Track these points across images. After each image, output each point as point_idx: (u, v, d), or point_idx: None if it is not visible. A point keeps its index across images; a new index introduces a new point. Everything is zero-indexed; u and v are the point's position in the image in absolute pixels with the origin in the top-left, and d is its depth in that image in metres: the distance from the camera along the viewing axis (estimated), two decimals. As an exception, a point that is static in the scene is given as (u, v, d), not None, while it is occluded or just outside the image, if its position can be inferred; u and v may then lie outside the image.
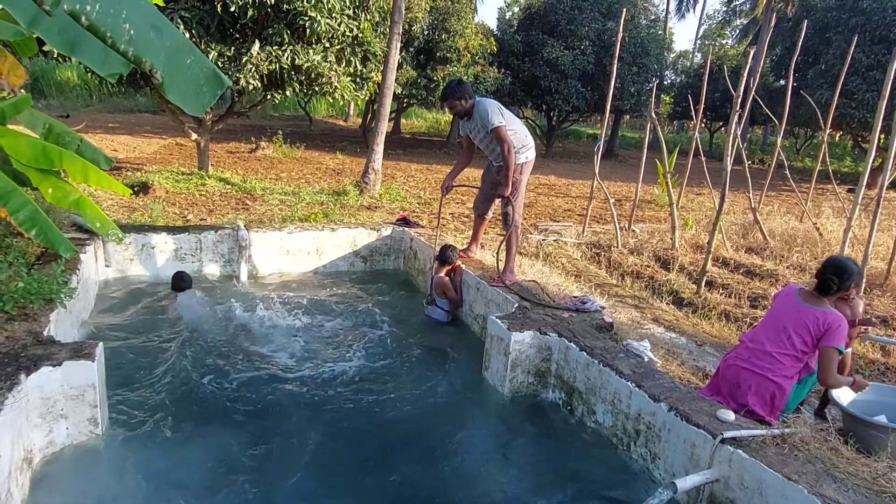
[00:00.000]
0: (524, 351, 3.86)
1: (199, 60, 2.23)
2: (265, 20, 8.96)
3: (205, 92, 2.23)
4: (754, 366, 3.16)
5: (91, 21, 1.80)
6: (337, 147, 18.57)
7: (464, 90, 4.76)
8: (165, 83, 2.07)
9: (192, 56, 2.20)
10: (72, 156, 4.30)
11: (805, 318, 3.12)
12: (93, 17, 1.81)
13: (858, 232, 7.30)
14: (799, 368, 3.14)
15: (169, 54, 2.06)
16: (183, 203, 8.56)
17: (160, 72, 2.02)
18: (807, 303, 3.18)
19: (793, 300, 3.23)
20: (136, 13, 1.95)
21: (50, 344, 3.13)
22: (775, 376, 3.10)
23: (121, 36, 1.89)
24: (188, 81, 2.17)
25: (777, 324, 3.20)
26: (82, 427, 3.06)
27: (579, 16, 20.12)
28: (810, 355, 3.14)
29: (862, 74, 17.09)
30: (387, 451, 3.38)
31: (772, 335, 3.19)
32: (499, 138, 4.64)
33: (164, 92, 2.08)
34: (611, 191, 12.69)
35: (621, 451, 3.28)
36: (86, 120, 18.06)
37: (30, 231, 3.88)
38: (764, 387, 3.11)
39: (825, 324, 3.06)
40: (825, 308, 3.13)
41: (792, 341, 3.12)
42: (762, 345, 3.19)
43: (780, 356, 3.12)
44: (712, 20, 50.72)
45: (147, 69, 2.01)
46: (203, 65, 2.23)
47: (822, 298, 3.18)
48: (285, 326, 4.87)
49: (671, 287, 6.08)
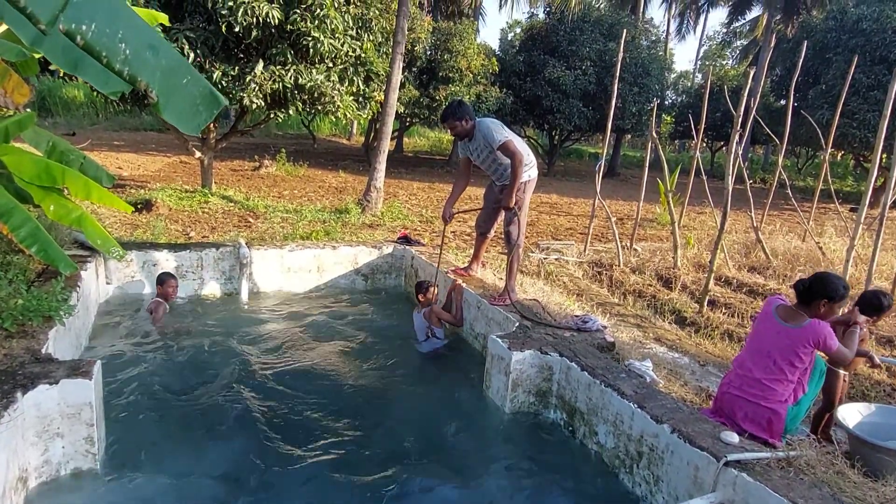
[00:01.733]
0: (525, 371, 3.82)
1: (195, 80, 2.23)
2: (269, 40, 9.05)
3: (201, 112, 2.23)
4: (746, 394, 3.13)
5: (87, 41, 1.81)
6: (340, 165, 18.66)
7: (464, 111, 4.72)
8: (160, 102, 2.07)
9: (189, 76, 2.20)
10: (74, 173, 4.33)
11: (786, 339, 3.06)
12: (88, 36, 1.82)
13: (861, 251, 7.28)
14: (792, 390, 3.10)
15: (165, 73, 2.06)
16: (185, 220, 8.58)
17: (155, 91, 2.02)
18: (785, 322, 3.11)
19: (772, 321, 3.16)
20: (132, 33, 1.96)
21: (47, 362, 3.11)
22: (768, 403, 3.06)
23: (116, 55, 1.90)
24: (184, 101, 2.16)
25: (760, 347, 3.15)
26: (79, 446, 3.03)
27: (580, 37, 20.31)
28: (803, 373, 3.09)
29: (862, 94, 17.17)
30: (386, 470, 3.34)
31: (758, 361, 3.14)
32: (508, 152, 4.56)
33: (159, 111, 2.08)
34: (612, 209, 12.72)
35: (624, 474, 3.23)
36: (91, 138, 18.19)
37: (31, 248, 3.89)
38: (759, 414, 3.07)
39: (815, 340, 3.01)
40: (805, 324, 3.03)
41: (779, 366, 3.06)
42: (751, 371, 3.14)
43: (770, 382, 3.07)
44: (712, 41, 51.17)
45: (142, 88, 2.01)
46: (199, 84, 2.23)
47: (801, 313, 3.11)
48: (285, 344, 4.85)
49: (673, 306, 6.06)
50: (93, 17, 1.85)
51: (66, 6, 1.76)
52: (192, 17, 8.63)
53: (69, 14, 1.78)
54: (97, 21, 1.85)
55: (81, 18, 1.82)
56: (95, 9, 1.87)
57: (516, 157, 4.54)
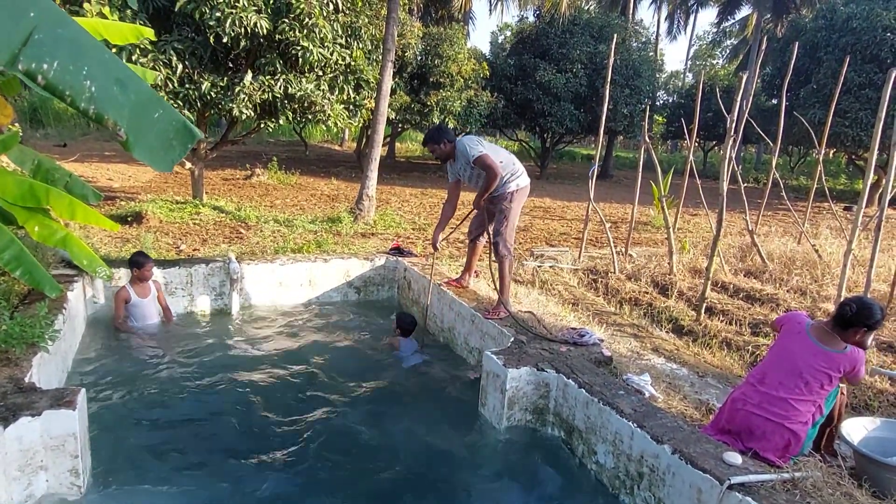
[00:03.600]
0: (521, 388, 3.75)
1: (167, 113, 2.13)
2: (258, 50, 8.98)
3: (174, 146, 2.14)
4: (767, 412, 3.01)
5: (48, 80, 1.73)
6: (332, 172, 18.57)
7: (442, 135, 4.90)
8: (130, 140, 1.98)
9: (161, 109, 2.11)
10: (59, 193, 4.23)
11: (822, 362, 2.99)
12: (50, 75, 1.73)
13: (858, 253, 7.24)
14: (814, 412, 3.03)
15: (134, 109, 1.97)
16: (176, 233, 8.48)
17: (124, 129, 1.93)
18: (822, 344, 3.04)
19: (805, 339, 3.08)
20: (98, 68, 1.87)
21: (31, 391, 3.02)
22: (791, 423, 2.95)
23: (81, 94, 1.81)
24: (156, 137, 2.07)
25: (790, 366, 3.05)
26: (63, 479, 2.94)
27: (570, 39, 20.31)
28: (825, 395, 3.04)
29: (854, 93, 17.20)
30: (382, 490, 3.27)
31: (785, 379, 3.04)
32: (484, 165, 4.66)
33: (128, 149, 1.99)
34: (606, 213, 12.67)
35: (624, 495, 3.16)
36: (82, 149, 18.06)
37: (15, 271, 3.80)
38: (780, 434, 2.96)
39: (850, 367, 2.99)
40: (844, 351, 3.01)
41: (810, 386, 2.98)
42: (776, 389, 3.03)
43: (795, 402, 2.98)
44: (702, 41, 51.37)
45: (110, 126, 1.92)
46: (172, 118, 2.13)
47: (836, 336, 3.06)
48: (276, 362, 4.76)
49: (670, 314, 5.99)
50: (55, 53, 1.75)
51: (27, 44, 1.67)
52: (181, 29, 8.54)
53: (29, 52, 1.68)
54: (59, 58, 1.75)
55: (42, 56, 1.72)
56: (58, 44, 1.77)
57: (491, 171, 4.66)
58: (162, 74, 8.17)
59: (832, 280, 6.74)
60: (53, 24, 1.79)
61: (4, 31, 1.65)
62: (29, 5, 1.71)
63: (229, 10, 8.01)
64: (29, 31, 1.70)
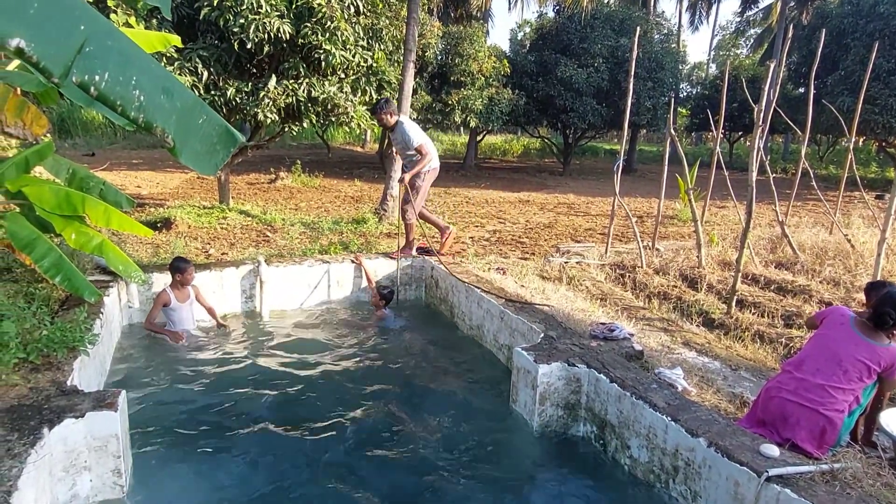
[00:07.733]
0: (552, 384, 3.75)
1: (210, 119, 2.19)
2: (281, 55, 9.08)
3: (218, 150, 2.19)
4: (803, 398, 2.99)
5: (100, 91, 1.78)
6: (355, 174, 18.69)
7: (389, 107, 6.29)
8: (177, 147, 2.03)
9: (204, 115, 2.16)
10: (94, 200, 4.34)
11: (864, 353, 2.96)
12: (102, 86, 1.77)
13: (893, 242, 7.07)
14: (850, 401, 2.99)
15: (180, 116, 2.02)
16: (205, 237, 8.62)
17: (171, 135, 1.98)
18: (865, 336, 3.01)
19: (849, 330, 3.06)
20: (146, 77, 1.92)
21: (73, 394, 3.10)
22: (827, 410, 2.93)
23: (131, 104, 1.86)
24: (201, 142, 2.12)
25: (830, 354, 3.03)
26: (106, 479, 3.02)
27: (591, 34, 20.15)
28: (862, 387, 2.99)
29: (883, 80, 16.81)
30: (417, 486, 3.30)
31: (824, 366, 3.01)
32: (423, 152, 6.23)
33: (176, 156, 2.05)
34: (631, 207, 12.55)
35: (659, 489, 3.14)
36: (110, 158, 18.44)
37: (54, 278, 3.91)
38: (814, 421, 2.94)
39: (890, 361, 2.94)
40: (887, 345, 2.97)
41: (848, 375, 2.95)
42: (812, 376, 3.01)
43: (832, 390, 2.95)
44: (726, 31, 50.56)
45: (158, 134, 1.98)
46: (215, 123, 2.19)
47: (878, 331, 3.02)
48: (307, 362, 4.82)
49: (700, 307, 5.92)
50: (105, 65, 1.80)
51: (78, 57, 1.72)
52: (205, 36, 8.68)
53: (80, 65, 1.74)
54: (110, 69, 1.81)
55: (94, 68, 1.78)
56: (108, 56, 1.83)
57: (424, 156, 6.25)
58: (188, 81, 8.31)
59: (866, 270, 6.60)
60: (103, 37, 1.84)
61: (58, 44, 1.70)
62: (80, 19, 1.76)
63: (253, 16, 8.12)
64: (80, 44, 1.75)
